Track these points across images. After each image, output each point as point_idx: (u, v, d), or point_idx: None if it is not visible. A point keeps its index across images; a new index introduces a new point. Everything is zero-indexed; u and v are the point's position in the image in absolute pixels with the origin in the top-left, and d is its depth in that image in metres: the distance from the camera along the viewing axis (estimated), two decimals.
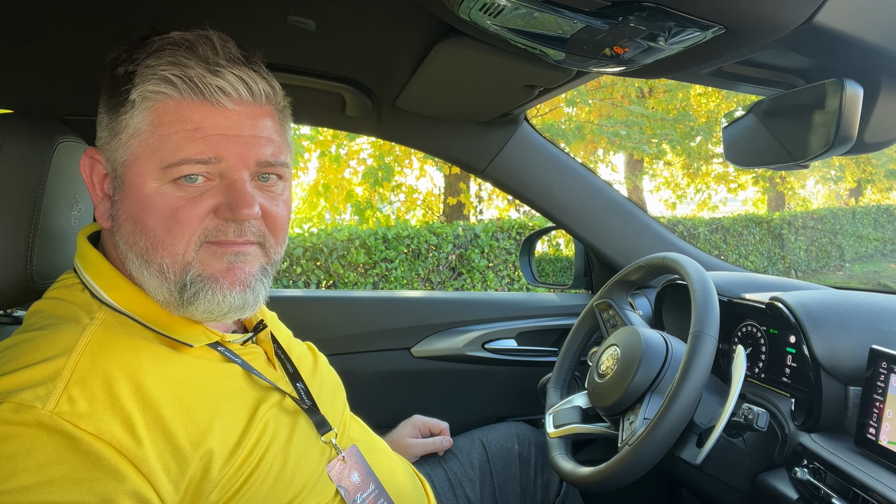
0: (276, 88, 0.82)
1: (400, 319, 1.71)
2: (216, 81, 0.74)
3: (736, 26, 0.71)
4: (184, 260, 0.75)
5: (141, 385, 0.68)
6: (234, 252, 0.77)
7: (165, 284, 0.75)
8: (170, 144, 0.73)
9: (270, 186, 0.81)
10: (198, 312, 0.77)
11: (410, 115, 1.46)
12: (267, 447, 0.77)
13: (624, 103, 9.31)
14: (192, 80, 0.73)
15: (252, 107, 0.78)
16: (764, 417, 0.95)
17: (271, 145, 0.79)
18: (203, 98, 0.74)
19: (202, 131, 0.74)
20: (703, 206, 11.84)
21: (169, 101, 0.74)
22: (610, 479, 0.99)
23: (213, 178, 0.76)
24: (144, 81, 0.74)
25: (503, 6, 0.74)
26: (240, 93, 0.76)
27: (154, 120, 0.74)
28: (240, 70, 0.76)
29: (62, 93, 1.29)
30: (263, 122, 0.79)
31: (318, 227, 6.87)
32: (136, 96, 0.74)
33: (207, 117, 0.74)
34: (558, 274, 2.16)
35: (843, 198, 15.10)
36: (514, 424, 1.44)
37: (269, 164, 0.79)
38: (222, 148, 0.74)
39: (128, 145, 0.75)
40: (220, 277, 0.76)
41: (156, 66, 0.74)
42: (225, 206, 0.75)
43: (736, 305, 1.23)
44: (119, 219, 0.78)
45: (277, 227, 0.82)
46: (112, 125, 0.77)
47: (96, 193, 0.81)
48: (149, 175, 0.74)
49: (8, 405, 0.61)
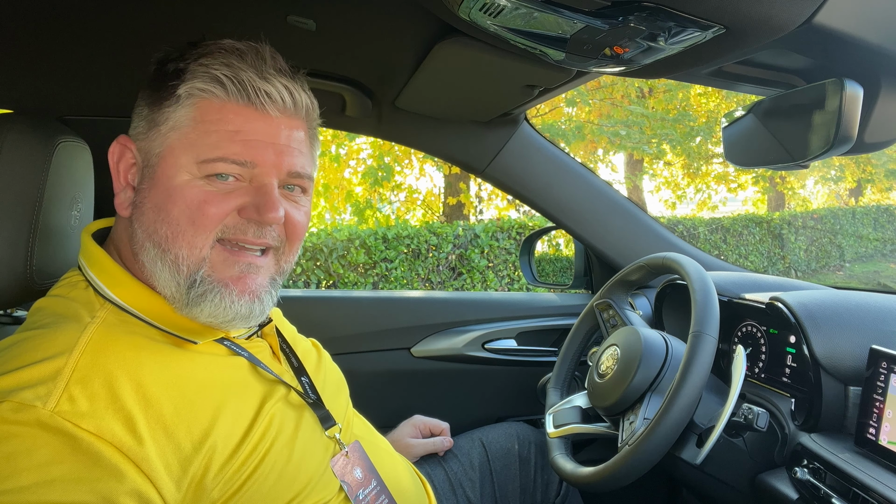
0: (315, 105, 0.86)
1: (400, 319, 1.71)
2: (265, 87, 0.77)
3: (736, 26, 0.71)
4: (200, 255, 0.76)
5: (142, 384, 0.68)
6: (246, 263, 0.79)
7: (176, 278, 0.76)
8: (209, 141, 0.75)
9: (294, 197, 0.84)
10: (202, 315, 0.77)
11: (410, 115, 1.46)
12: (272, 442, 0.77)
13: (624, 103, 9.30)
14: (242, 82, 0.76)
15: (291, 118, 0.81)
16: (764, 417, 0.95)
17: (302, 157, 0.82)
18: (248, 101, 0.77)
19: (242, 134, 0.76)
20: (702, 206, 11.84)
21: (214, 100, 0.76)
22: (610, 479, 0.99)
23: (244, 179, 0.78)
24: (195, 78, 0.76)
25: (503, 6, 0.74)
26: (284, 101, 0.79)
27: (197, 116, 0.76)
28: (287, 80, 0.80)
29: (62, 93, 1.29)
30: (297, 134, 0.82)
31: (318, 227, 6.87)
32: (183, 91, 0.76)
33: (248, 121, 0.77)
34: (558, 274, 2.16)
35: (843, 198, 15.10)
36: (514, 424, 1.44)
37: (297, 175, 0.82)
38: (259, 153, 0.77)
39: (166, 137, 0.77)
40: (230, 283, 0.77)
41: (208, 65, 0.76)
42: (252, 207, 0.77)
43: (736, 305, 1.23)
44: (143, 207, 0.79)
45: (295, 236, 0.84)
46: (152, 116, 0.79)
47: (119, 181, 0.82)
48: (183, 167, 0.76)
49: (8, 404, 0.61)
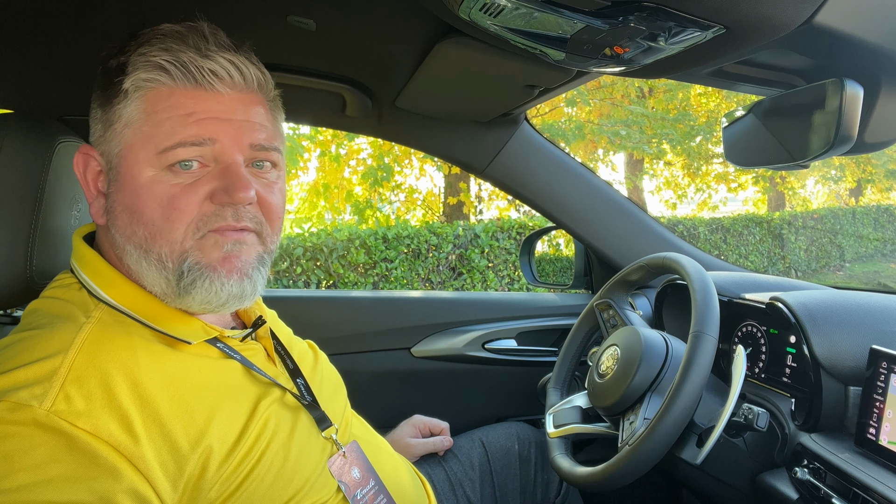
0: (267, 77, 0.83)
1: (400, 319, 1.71)
2: (208, 65, 0.75)
3: (736, 26, 0.71)
4: (182, 248, 0.75)
5: (138, 383, 0.68)
6: (232, 241, 0.77)
7: (164, 273, 0.75)
8: (164, 130, 0.74)
9: (264, 173, 0.82)
10: (195, 303, 0.76)
11: (410, 115, 1.46)
12: (268, 443, 0.77)
13: (624, 103, 9.30)
14: (185, 65, 0.74)
15: (244, 93, 0.79)
16: (764, 417, 0.95)
17: (264, 130, 0.80)
18: (196, 83, 0.75)
19: (195, 115, 0.74)
20: (703, 206, 11.84)
21: (162, 87, 0.74)
22: (610, 479, 0.99)
23: (208, 163, 0.76)
24: (137, 70, 0.74)
25: (503, 6, 0.74)
26: (232, 76, 0.77)
27: (147, 108, 0.74)
28: (231, 55, 0.77)
29: (62, 92, 1.29)
30: (255, 109, 0.80)
31: (318, 227, 6.87)
32: (128, 85, 0.75)
33: (200, 102, 0.75)
34: (558, 274, 2.16)
35: (843, 198, 15.09)
36: (514, 424, 1.44)
37: (262, 147, 0.80)
38: (216, 130, 0.75)
39: (122, 135, 0.76)
40: (217, 266, 0.76)
41: (147, 53, 0.74)
42: (221, 191, 0.75)
43: (736, 305, 1.23)
44: (115, 211, 0.78)
45: (273, 215, 0.82)
46: (105, 117, 0.78)
47: (90, 191, 0.81)
48: (144, 163, 0.74)
49: (4, 404, 0.61)
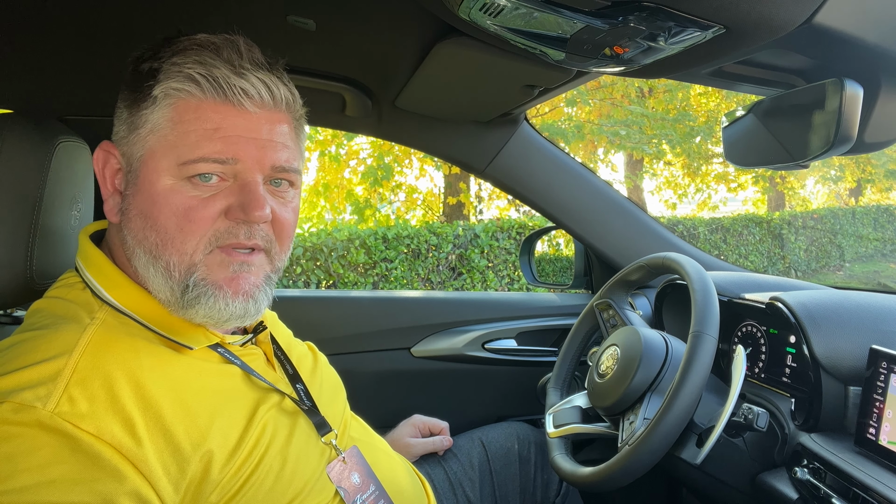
0: (296, 96, 0.84)
1: (400, 319, 1.71)
2: (240, 83, 0.75)
3: (736, 26, 0.71)
4: (191, 260, 0.75)
5: (141, 386, 0.68)
6: (239, 262, 0.78)
7: (169, 283, 0.76)
8: (188, 142, 0.74)
9: (281, 192, 0.82)
10: (198, 316, 0.77)
11: (410, 115, 1.46)
12: (266, 448, 0.77)
13: (624, 103, 9.30)
14: (217, 80, 0.74)
15: (271, 112, 0.79)
16: (764, 417, 0.95)
17: (286, 151, 0.80)
18: (225, 98, 0.75)
19: (221, 131, 0.74)
20: (703, 206, 11.84)
21: (191, 99, 0.75)
22: (610, 478, 0.99)
23: (228, 178, 0.76)
24: (168, 78, 0.75)
25: (503, 6, 0.74)
26: (262, 96, 0.77)
27: (174, 117, 0.75)
28: (263, 74, 0.77)
29: (62, 93, 1.29)
30: (280, 128, 0.80)
31: (318, 227, 6.87)
32: (158, 92, 0.75)
33: (227, 118, 0.75)
34: (558, 274, 2.16)
35: (843, 198, 15.09)
36: (514, 424, 1.44)
37: (283, 169, 0.80)
38: (240, 149, 0.75)
39: (146, 140, 0.76)
40: (223, 285, 0.77)
41: (181, 63, 0.75)
42: (237, 207, 0.76)
43: (736, 305, 1.23)
44: (129, 213, 0.78)
45: (284, 234, 0.83)
46: (131, 119, 0.78)
47: (107, 188, 0.81)
48: (164, 171, 0.74)
49: (8, 405, 0.61)
